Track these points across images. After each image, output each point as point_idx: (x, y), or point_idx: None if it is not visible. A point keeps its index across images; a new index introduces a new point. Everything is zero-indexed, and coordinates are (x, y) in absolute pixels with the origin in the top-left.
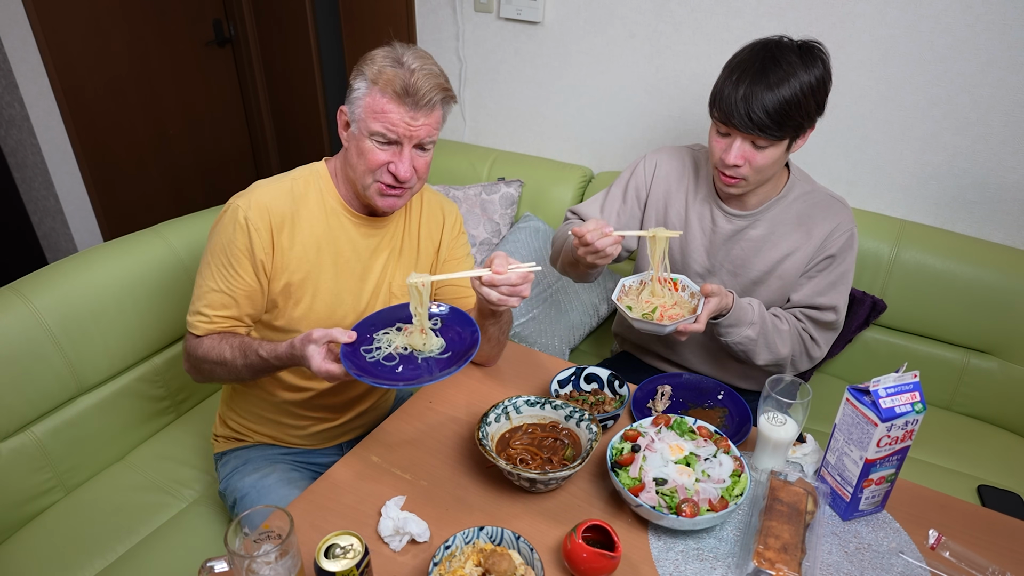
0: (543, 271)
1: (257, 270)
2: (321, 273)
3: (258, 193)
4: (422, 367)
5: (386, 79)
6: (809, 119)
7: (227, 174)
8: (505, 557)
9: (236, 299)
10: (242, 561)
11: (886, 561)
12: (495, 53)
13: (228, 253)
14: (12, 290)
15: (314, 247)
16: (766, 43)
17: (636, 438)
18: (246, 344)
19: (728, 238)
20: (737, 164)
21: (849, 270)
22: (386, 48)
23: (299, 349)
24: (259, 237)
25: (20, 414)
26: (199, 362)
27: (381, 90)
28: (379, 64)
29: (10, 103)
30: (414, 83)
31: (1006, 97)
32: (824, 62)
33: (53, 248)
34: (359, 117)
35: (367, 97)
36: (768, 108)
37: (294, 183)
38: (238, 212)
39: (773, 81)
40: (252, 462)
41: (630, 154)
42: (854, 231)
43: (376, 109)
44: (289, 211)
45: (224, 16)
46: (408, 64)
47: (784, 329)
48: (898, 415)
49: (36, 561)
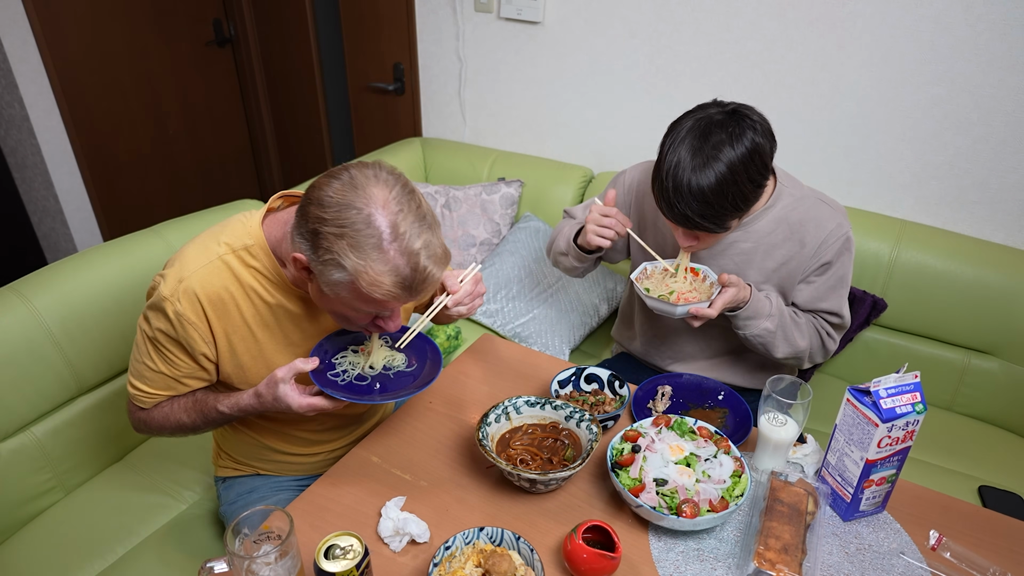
0: (543, 271)
1: (198, 359)
2: (275, 346)
3: (186, 281)
4: (398, 381)
5: (382, 291)
6: (752, 197)
7: (227, 174)
8: (505, 558)
9: (181, 381)
10: (242, 562)
11: (887, 562)
12: (495, 53)
13: (162, 342)
14: (12, 290)
15: (259, 325)
16: (691, 130)
17: (636, 438)
18: (201, 403)
19: (716, 254)
20: (691, 244)
21: (847, 273)
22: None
23: (268, 396)
24: (195, 331)
25: (20, 414)
26: (153, 431)
27: (378, 298)
28: (367, 261)
29: (10, 103)
30: (416, 281)
31: (1007, 97)
32: (753, 130)
33: (53, 248)
34: (335, 293)
35: (350, 289)
36: (704, 218)
37: (223, 262)
38: (166, 306)
39: (705, 184)
40: (258, 491)
41: (630, 154)
42: (849, 235)
43: (365, 301)
44: (222, 292)
45: (224, 16)
46: (403, 245)
47: (801, 322)
48: (899, 415)
49: (36, 561)
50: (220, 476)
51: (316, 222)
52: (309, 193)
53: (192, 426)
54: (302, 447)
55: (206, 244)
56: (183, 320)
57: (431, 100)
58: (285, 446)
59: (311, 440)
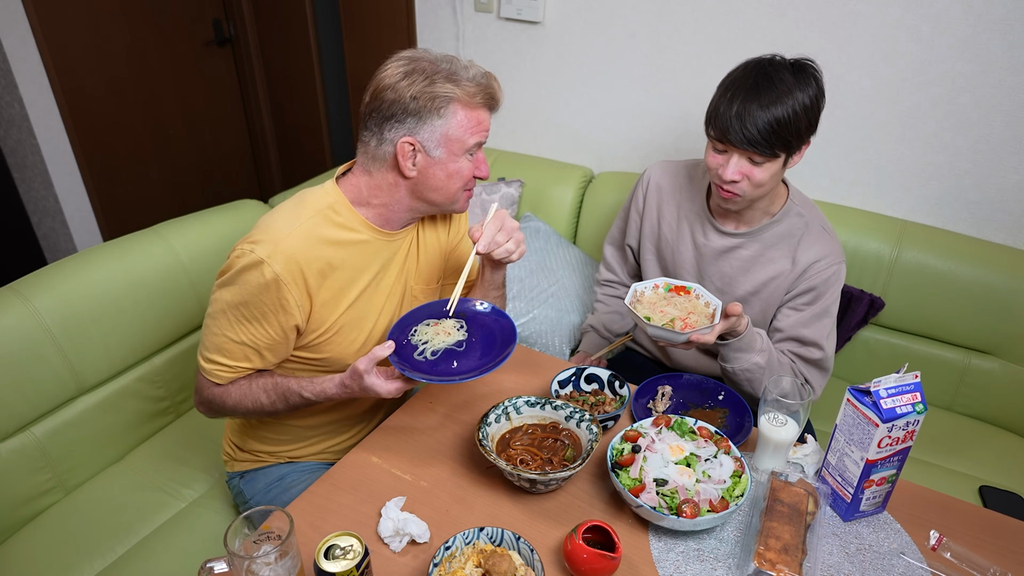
0: (543, 271)
1: (286, 327)
2: (360, 306)
3: (283, 244)
4: (470, 356)
5: (485, 95)
6: (802, 137)
7: (227, 174)
8: (505, 558)
9: (260, 352)
10: (242, 562)
11: (887, 562)
12: (495, 53)
13: (252, 308)
14: (12, 290)
15: (351, 285)
16: (759, 61)
17: (636, 439)
18: (283, 387)
19: (718, 255)
20: (735, 180)
21: (832, 306)
22: (437, 58)
23: (353, 387)
24: (292, 295)
25: (20, 414)
26: (227, 409)
27: (479, 105)
28: (464, 84)
29: (10, 103)
30: (496, 89)
31: (1007, 97)
32: (818, 81)
33: (53, 248)
34: (451, 137)
35: (461, 114)
36: (761, 125)
37: (314, 222)
38: (263, 268)
39: (766, 100)
40: (288, 476)
41: (630, 154)
42: (841, 269)
43: (475, 122)
44: (320, 258)
45: (224, 16)
46: (472, 70)
47: (785, 362)
48: (899, 416)
49: (36, 561)
50: (237, 472)
51: (407, 89)
52: (379, 93)
53: (271, 407)
54: (349, 425)
55: (293, 212)
56: (280, 282)
57: None
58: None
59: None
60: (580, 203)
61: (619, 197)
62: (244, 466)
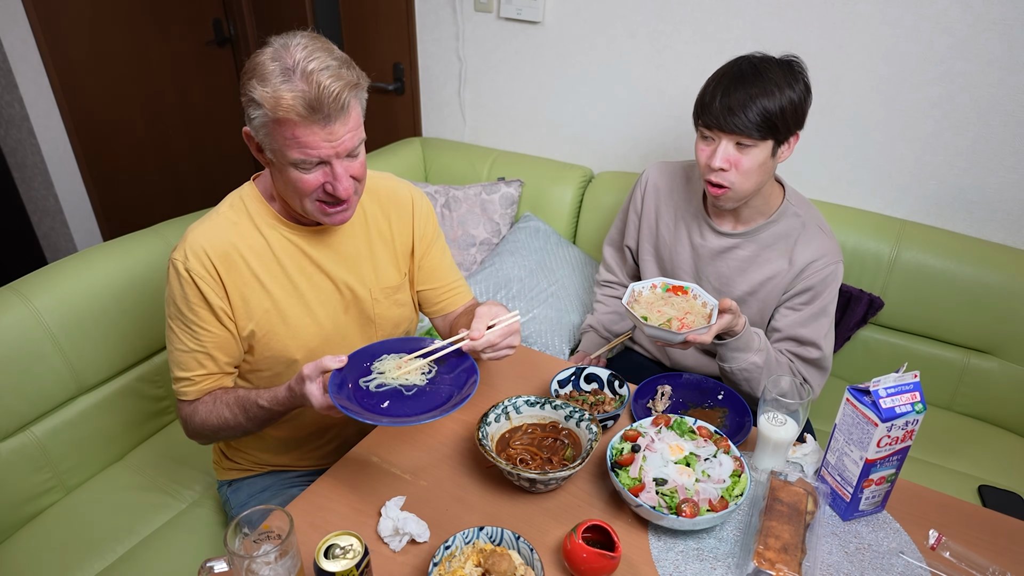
0: (543, 271)
1: (220, 318)
2: (287, 299)
3: (190, 240)
4: (421, 400)
5: (285, 105)
6: (788, 124)
7: (227, 174)
8: (505, 557)
9: (209, 353)
10: (242, 561)
11: (886, 561)
12: (495, 53)
13: (184, 311)
14: (12, 290)
15: (268, 276)
16: (746, 56)
17: (636, 438)
18: (242, 398)
19: (715, 255)
20: (723, 168)
21: (830, 305)
22: (269, 51)
23: (298, 391)
24: (207, 285)
25: (20, 414)
26: (200, 429)
27: (285, 116)
28: (270, 86)
29: (10, 103)
30: (317, 96)
31: (1006, 97)
32: (803, 75)
33: (53, 248)
34: (270, 146)
35: (271, 125)
36: (748, 109)
37: (223, 216)
38: (178, 266)
39: (753, 87)
40: (270, 489)
41: (630, 154)
42: (838, 268)
43: (287, 137)
44: (226, 241)
45: (224, 16)
46: (302, 68)
47: (784, 362)
48: (898, 415)
49: (36, 561)
50: (225, 480)
51: (243, 75)
52: None
53: (234, 421)
54: (313, 437)
55: (208, 213)
56: (193, 275)
57: (431, 100)
58: (295, 433)
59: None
60: (580, 203)
61: (619, 197)
62: (231, 475)
